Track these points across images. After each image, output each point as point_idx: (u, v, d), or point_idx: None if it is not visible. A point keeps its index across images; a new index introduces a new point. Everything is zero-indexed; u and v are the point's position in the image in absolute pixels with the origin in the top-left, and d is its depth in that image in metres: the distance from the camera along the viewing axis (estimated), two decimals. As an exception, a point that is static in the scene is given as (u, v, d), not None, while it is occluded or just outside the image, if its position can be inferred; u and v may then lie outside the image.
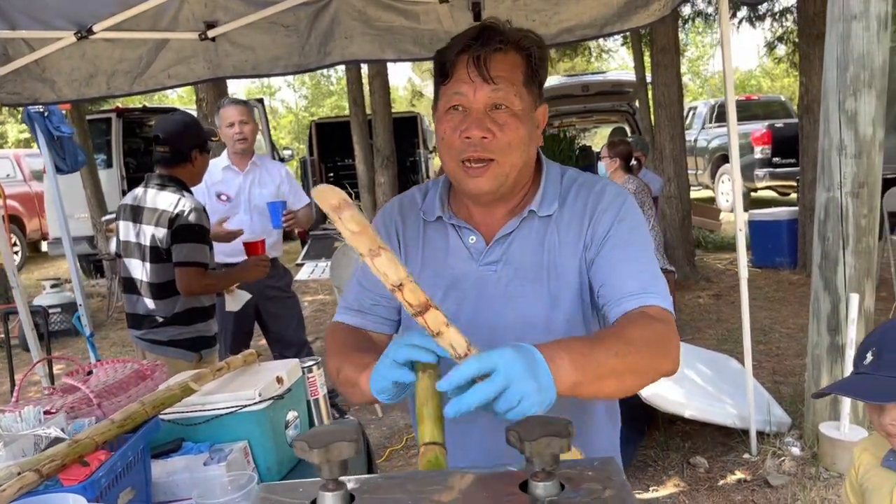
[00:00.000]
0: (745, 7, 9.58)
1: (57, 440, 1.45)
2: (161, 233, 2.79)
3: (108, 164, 9.57)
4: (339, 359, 1.25)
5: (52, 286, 6.94)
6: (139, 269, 2.88)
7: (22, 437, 1.48)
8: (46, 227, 10.69)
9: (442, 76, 1.27)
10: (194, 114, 7.31)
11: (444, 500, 0.78)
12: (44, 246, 12.46)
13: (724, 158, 12.28)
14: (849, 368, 2.98)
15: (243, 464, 1.63)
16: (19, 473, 1.23)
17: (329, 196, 0.90)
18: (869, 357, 1.37)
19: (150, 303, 2.88)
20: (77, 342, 6.67)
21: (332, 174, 12.68)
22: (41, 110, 4.11)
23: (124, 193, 9.39)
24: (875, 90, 3.00)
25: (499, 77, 1.21)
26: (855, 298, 3.03)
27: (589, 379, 1.00)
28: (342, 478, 0.78)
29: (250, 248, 3.23)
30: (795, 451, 3.30)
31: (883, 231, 6.29)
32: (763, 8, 9.75)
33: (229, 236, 3.45)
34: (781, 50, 10.90)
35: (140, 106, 11.19)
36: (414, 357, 1.00)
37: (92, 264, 9.89)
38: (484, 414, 0.94)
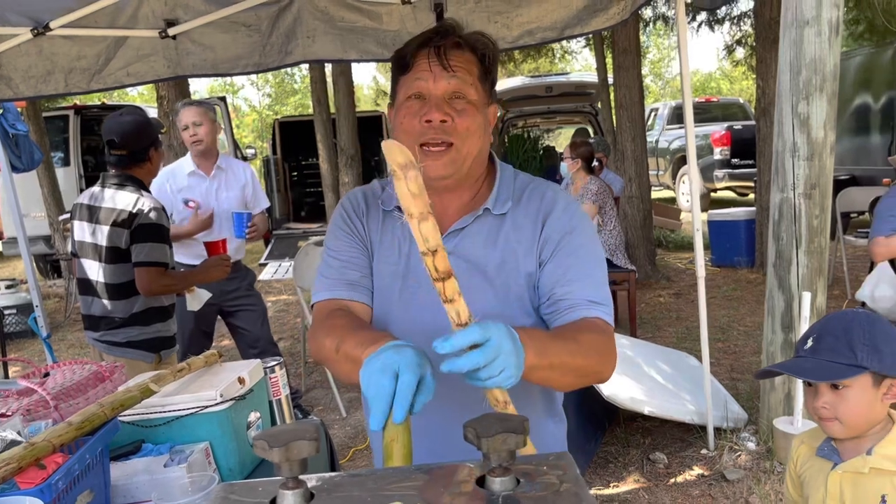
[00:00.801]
0: (704, 11, 9.76)
1: (13, 443, 1.43)
2: (120, 232, 2.76)
3: (66, 163, 9.38)
4: (338, 334, 1.23)
5: (7, 287, 6.79)
6: (95, 270, 2.84)
7: (-25, 440, 1.45)
8: (1, 227, 10.43)
9: (402, 68, 1.32)
10: (155, 112, 7.21)
11: (403, 496, 0.79)
12: (-1, 246, 12.15)
13: (685, 159, 12.50)
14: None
15: (204, 465, 1.63)
16: (-27, 477, 1.22)
17: (397, 154, 0.92)
18: (809, 342, 1.45)
19: (107, 304, 2.84)
20: (33, 344, 6.53)
21: (295, 173, 12.58)
22: (-5, 108, 4.02)
23: (82, 192, 9.22)
24: (826, 94, 3.09)
25: (456, 67, 1.28)
26: (807, 297, 3.12)
27: (543, 366, 1.10)
28: (302, 476, 0.79)
29: (211, 247, 3.21)
30: (751, 445, 3.39)
31: (836, 231, 6.47)
32: (722, 12, 9.94)
33: (205, 224, 3.45)
34: (740, 53, 11.12)
35: (99, 103, 10.97)
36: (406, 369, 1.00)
37: (49, 264, 9.69)
38: (440, 410, 0.99)
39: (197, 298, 3.08)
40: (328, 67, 9.90)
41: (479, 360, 0.96)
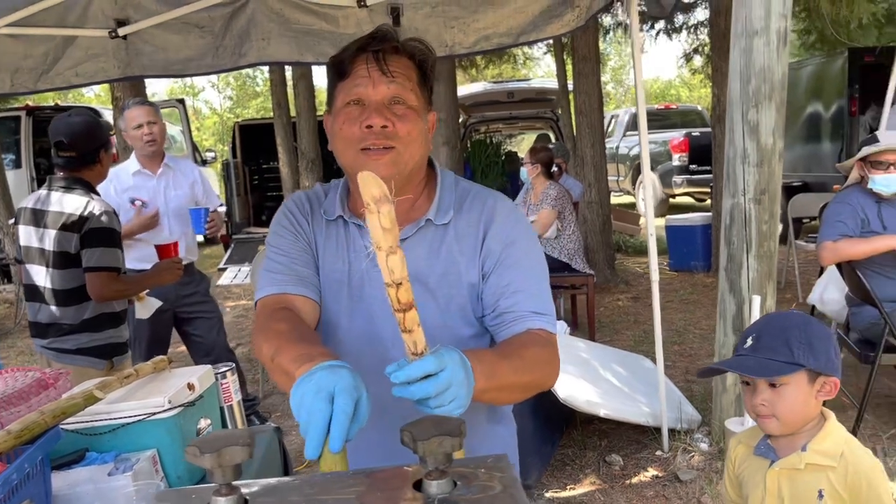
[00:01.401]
0: (657, 20, 9.93)
1: (-51, 453, 1.39)
2: (69, 237, 2.69)
3: (17, 165, 9.16)
4: (275, 342, 1.18)
5: (-46, 293, 6.58)
6: (43, 276, 2.76)
7: None
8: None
9: (339, 74, 1.31)
10: (110, 114, 7.08)
11: (340, 501, 0.79)
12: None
13: (649, 163, 12.70)
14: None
15: (151, 473, 1.59)
16: None
17: (373, 186, 0.92)
18: (749, 342, 1.50)
19: (55, 310, 2.77)
20: (-19, 351, 6.34)
21: (256, 177, 12.46)
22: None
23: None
24: (775, 102, 3.16)
25: (396, 72, 1.27)
26: (757, 300, 3.18)
27: (491, 388, 1.10)
28: (236, 482, 0.78)
29: (163, 250, 3.14)
30: (704, 446, 3.44)
31: (788, 236, 6.63)
32: (679, 21, 10.12)
33: (149, 223, 3.39)
34: (698, 61, 11.34)
35: (52, 104, 10.74)
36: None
37: (-1, 269, 9.44)
38: (380, 417, 0.98)
39: (147, 306, 3.02)
40: (289, 70, 9.83)
41: (431, 391, 0.96)
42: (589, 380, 3.66)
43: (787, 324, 1.49)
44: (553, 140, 11.00)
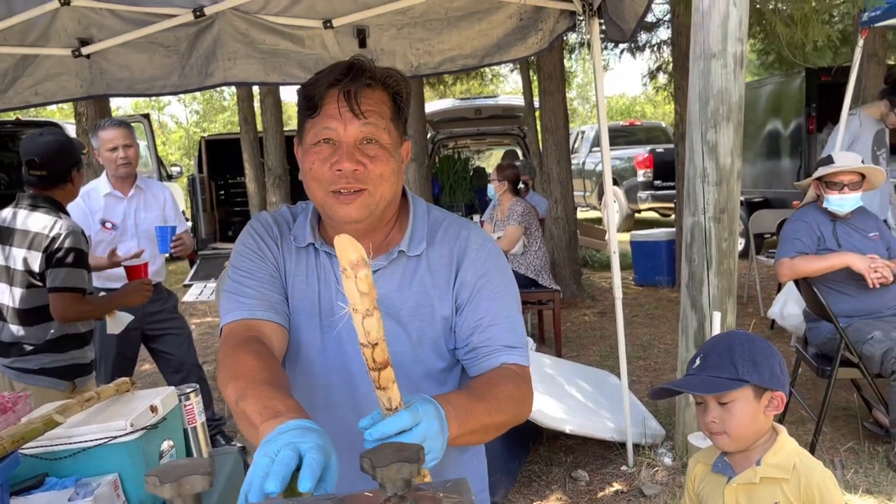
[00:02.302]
0: (625, 43, 10.12)
1: None
2: (34, 256, 2.66)
3: (-24, 180, 8.97)
4: (241, 384, 1.10)
5: None
6: (6, 295, 2.73)
7: None
8: None
9: (309, 109, 1.27)
10: (73, 129, 6.98)
11: (300, 527, 0.80)
12: None
13: (611, 181, 12.88)
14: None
15: (112, 498, 1.58)
16: None
17: (350, 251, 0.90)
18: (698, 361, 1.56)
19: (17, 329, 2.73)
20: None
21: (222, 192, 12.34)
22: None
23: (-6, 212, 8.84)
24: (733, 123, 3.24)
25: (369, 111, 1.23)
26: (717, 316, 3.25)
27: (465, 433, 1.10)
28: (196, 511, 0.78)
29: (132, 271, 3.12)
30: (668, 461, 3.49)
31: (749, 251, 6.76)
32: (642, 40, 10.31)
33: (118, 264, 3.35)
34: (662, 79, 11.55)
35: (13, 119, 10.53)
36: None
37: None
38: (349, 446, 1.01)
39: (118, 321, 3.00)
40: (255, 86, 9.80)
41: None
42: (555, 396, 3.69)
43: (731, 342, 1.55)
44: (520, 156, 11.11)
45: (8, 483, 1.46)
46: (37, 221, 2.68)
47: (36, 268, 2.67)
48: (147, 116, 10.83)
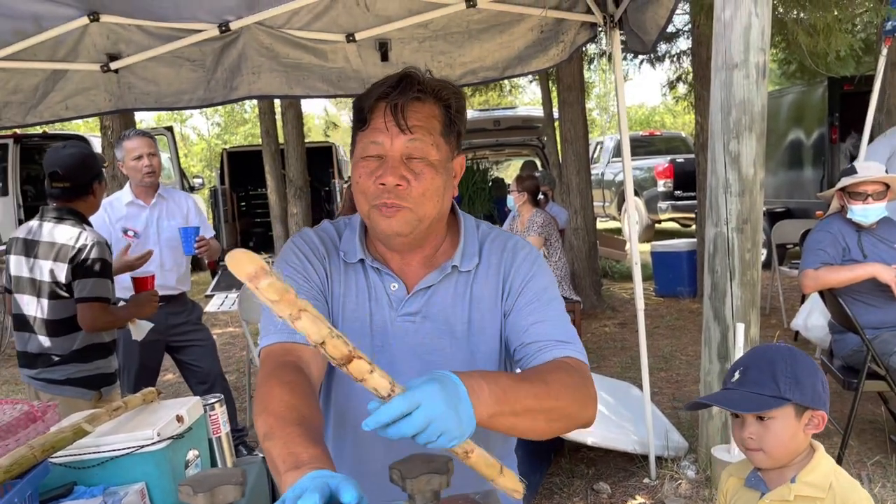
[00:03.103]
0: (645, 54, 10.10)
1: (-63, 488, 1.39)
2: (61, 268, 2.70)
3: (4, 192, 9.12)
4: (270, 420, 1.06)
5: (-63, 322, 6.52)
6: (33, 306, 2.77)
7: None
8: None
9: (360, 122, 1.26)
10: (98, 142, 7.09)
11: (330, 538, 0.80)
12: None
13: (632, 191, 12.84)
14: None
15: (139, 507, 1.60)
16: None
17: (244, 264, 0.83)
18: (737, 375, 1.51)
19: (45, 340, 2.77)
20: (-36, 381, 6.27)
21: (243, 204, 12.48)
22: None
23: (21, 222, 8.95)
24: (756, 133, 3.23)
25: (416, 126, 1.21)
26: (741, 328, 3.22)
27: (505, 412, 1.03)
28: (228, 520, 0.79)
29: (139, 283, 3.14)
30: (691, 474, 3.46)
31: (772, 262, 6.70)
32: (662, 50, 10.29)
33: (138, 263, 3.38)
34: (682, 88, 11.51)
35: (40, 132, 10.72)
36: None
37: (-17, 298, 9.35)
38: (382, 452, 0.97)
39: (140, 329, 3.03)
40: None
41: (409, 431, 0.89)
42: (576, 407, 3.67)
43: (774, 357, 1.49)
44: (539, 167, 11.10)
45: (38, 492, 1.48)
46: (62, 233, 2.72)
47: (63, 279, 2.71)
48: (170, 129, 10.99)
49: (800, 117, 9.14)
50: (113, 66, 2.98)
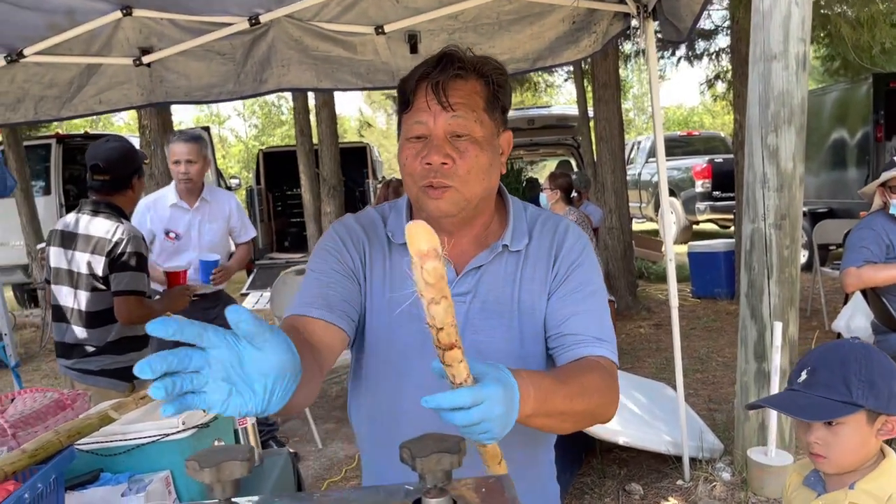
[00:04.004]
0: (684, 46, 9.95)
1: (-36, 471, 1.40)
2: (98, 260, 2.74)
3: (47, 191, 9.33)
4: None
5: (-19, 316, 6.68)
6: (70, 297, 2.81)
7: (-74, 468, 1.42)
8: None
9: (404, 104, 1.27)
10: (137, 141, 7.21)
11: (339, 519, 0.78)
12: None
13: (668, 192, 12.69)
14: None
15: (164, 494, 1.60)
16: (-81, 506, 1.19)
17: (421, 240, 0.87)
18: (804, 375, 1.39)
19: (80, 331, 2.81)
20: (5, 374, 6.42)
21: (279, 203, 12.60)
22: (-31, 135, 4.01)
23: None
24: (795, 127, 3.14)
25: (458, 104, 1.21)
26: (779, 326, 3.14)
27: (539, 414, 1.04)
28: (235, 499, 0.77)
29: (172, 277, 3.19)
30: (726, 476, 3.37)
31: (813, 263, 6.54)
32: (700, 47, 10.13)
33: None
34: (720, 87, 11.32)
35: (82, 132, 10.95)
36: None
37: (27, 293, 9.58)
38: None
39: None
40: (311, 98, 9.97)
41: (460, 421, 0.90)
42: (608, 406, 3.61)
43: (846, 356, 1.36)
44: (574, 166, 11.01)
45: (63, 477, 1.48)
46: (99, 226, 2.76)
47: (99, 271, 2.75)
48: (207, 130, 11.14)
49: (843, 115, 8.92)
50: (145, 59, 3.01)
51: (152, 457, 1.64)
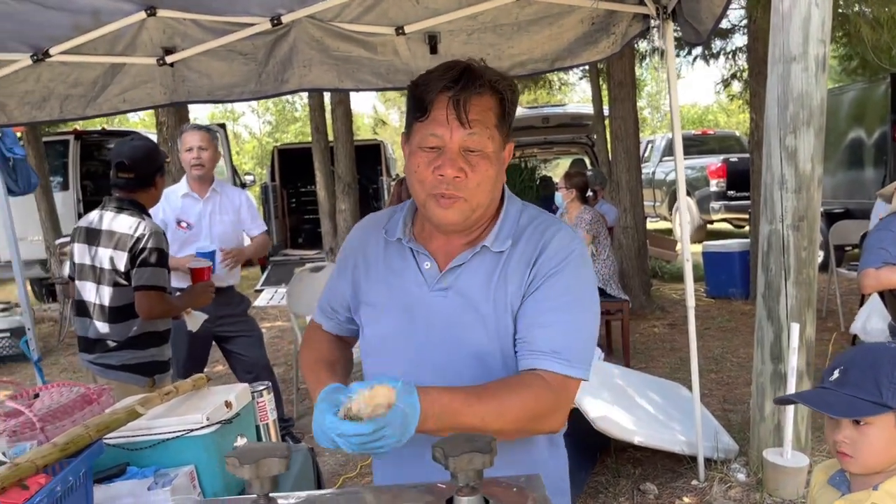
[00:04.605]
0: (700, 45, 9.90)
1: (-2, 463, 1.44)
2: (120, 256, 2.78)
3: (65, 187, 9.43)
4: (309, 361, 1.47)
5: (1, 310, 6.78)
6: (93, 293, 2.86)
7: (-40, 460, 1.46)
8: (-8, 250, 10.45)
9: (419, 111, 1.30)
10: (154, 138, 7.28)
11: (373, 515, 0.81)
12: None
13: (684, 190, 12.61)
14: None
15: (189, 488, 1.62)
16: (-45, 497, 1.23)
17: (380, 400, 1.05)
18: (836, 374, 1.42)
19: (103, 326, 2.86)
20: (25, 367, 6.50)
21: (293, 200, 12.65)
22: (-6, 132, 4.08)
23: (80, 216, 9.26)
24: (814, 128, 3.13)
25: (475, 121, 1.26)
26: (796, 327, 3.13)
27: (445, 429, 1.10)
28: (273, 494, 0.80)
29: (196, 273, 3.24)
30: (741, 477, 3.38)
31: (830, 264, 6.50)
32: (716, 46, 10.07)
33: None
34: (736, 87, 11.25)
35: (99, 128, 11.04)
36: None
37: (44, 288, 9.68)
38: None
39: (195, 320, 3.12)
40: (327, 96, 10.01)
41: (356, 442, 1.00)
42: (623, 406, 3.62)
43: (877, 359, 1.39)
44: (588, 165, 10.99)
45: (92, 470, 1.51)
46: (122, 223, 2.81)
47: (122, 267, 2.79)
48: (223, 126, 11.21)
49: (861, 115, 8.86)
50: (168, 59, 3.06)
51: (177, 451, 1.67)
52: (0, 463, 1.44)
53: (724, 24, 10.03)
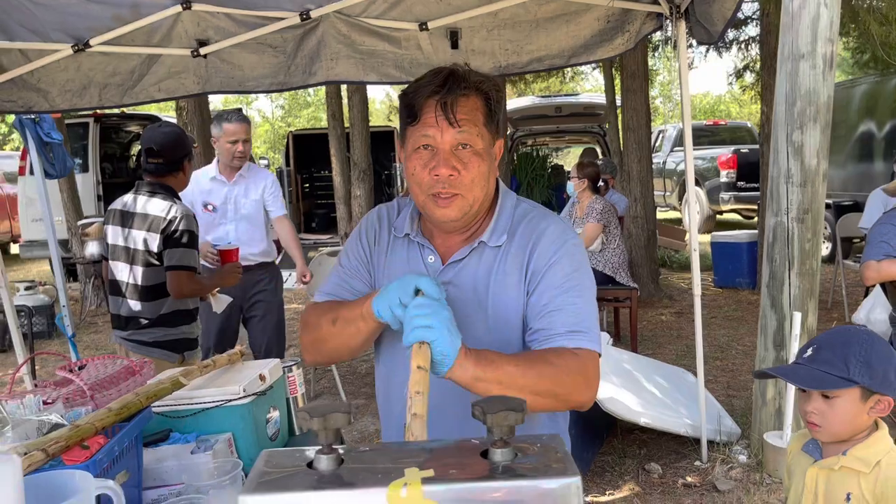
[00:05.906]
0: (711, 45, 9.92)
1: (57, 426, 1.57)
2: (153, 237, 2.92)
3: (85, 169, 9.58)
4: (331, 313, 1.42)
5: (27, 288, 6.95)
6: (126, 272, 3.00)
7: (25, 421, 1.59)
8: (18, 230, 10.63)
9: (410, 117, 1.40)
10: (174, 121, 7.42)
11: (418, 463, 0.94)
12: (13, 248, 12.36)
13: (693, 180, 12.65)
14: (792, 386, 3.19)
15: (227, 454, 1.76)
16: (26, 453, 1.36)
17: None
18: (809, 351, 1.56)
19: (135, 305, 3.00)
20: (51, 345, 6.68)
21: (307, 185, 12.78)
22: (33, 117, 4.22)
23: (100, 198, 9.43)
24: (820, 124, 3.24)
25: (463, 120, 1.36)
26: (798, 316, 3.26)
27: (489, 379, 1.22)
28: (335, 445, 0.94)
29: (224, 255, 3.40)
30: (743, 458, 3.51)
31: (836, 255, 6.60)
32: (729, 37, 10.10)
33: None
34: (749, 77, 11.26)
35: (118, 112, 11.17)
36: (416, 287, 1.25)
37: (66, 268, 9.84)
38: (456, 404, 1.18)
39: (220, 302, 3.26)
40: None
41: (419, 322, 1.17)
42: (631, 389, 3.76)
43: (849, 339, 1.52)
44: (599, 154, 11.07)
45: (141, 434, 1.65)
46: (155, 206, 2.95)
47: (154, 248, 2.93)
48: (239, 111, 11.30)
49: (871, 108, 8.90)
50: (202, 51, 3.18)
51: (216, 420, 1.80)
52: (59, 425, 1.57)
53: (738, 14, 10.04)
